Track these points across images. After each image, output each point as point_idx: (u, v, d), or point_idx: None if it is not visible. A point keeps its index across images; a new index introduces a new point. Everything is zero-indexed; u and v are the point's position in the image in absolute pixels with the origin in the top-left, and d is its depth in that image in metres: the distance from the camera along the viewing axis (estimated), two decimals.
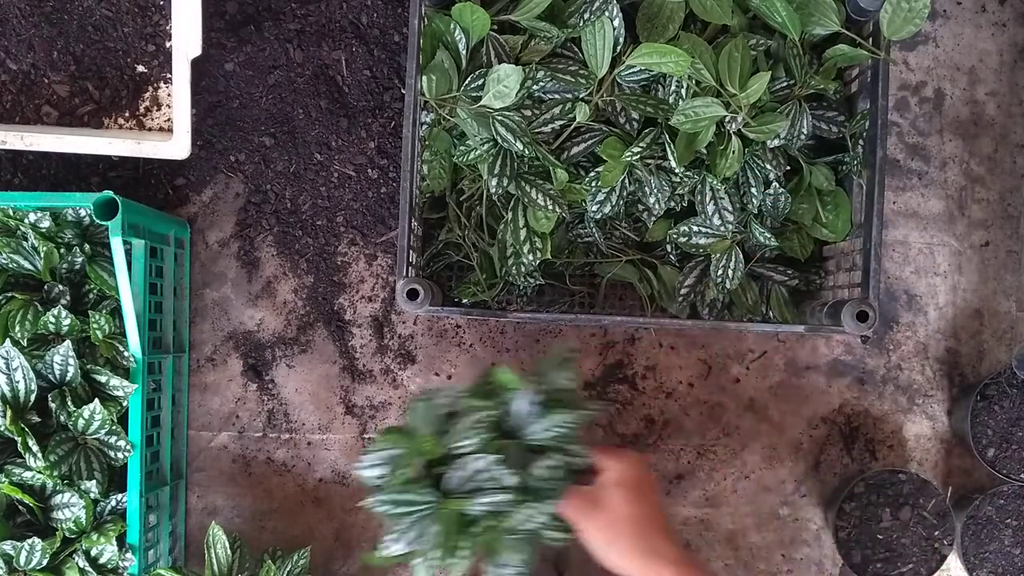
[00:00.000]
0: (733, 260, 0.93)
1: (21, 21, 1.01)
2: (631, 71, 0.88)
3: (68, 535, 0.91)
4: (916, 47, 1.05)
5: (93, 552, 0.91)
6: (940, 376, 1.04)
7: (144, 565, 0.93)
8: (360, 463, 0.76)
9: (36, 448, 0.87)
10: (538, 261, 0.92)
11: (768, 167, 0.90)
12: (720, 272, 0.93)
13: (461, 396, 0.78)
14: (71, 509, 0.90)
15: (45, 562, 0.88)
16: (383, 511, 0.74)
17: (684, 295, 0.95)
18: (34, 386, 0.88)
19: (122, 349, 0.92)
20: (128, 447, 0.91)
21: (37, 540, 0.88)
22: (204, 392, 1.04)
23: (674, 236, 0.94)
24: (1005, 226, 1.05)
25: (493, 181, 0.89)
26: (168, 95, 1.02)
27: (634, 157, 0.88)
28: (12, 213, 0.92)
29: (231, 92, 1.04)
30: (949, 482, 1.04)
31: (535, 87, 0.87)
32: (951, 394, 1.04)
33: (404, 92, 1.01)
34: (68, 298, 0.94)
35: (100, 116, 1.02)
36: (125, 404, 0.91)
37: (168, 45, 1.02)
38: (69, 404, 0.89)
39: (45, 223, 0.92)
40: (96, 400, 0.88)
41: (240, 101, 1.04)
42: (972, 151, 1.05)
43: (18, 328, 0.91)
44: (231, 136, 1.04)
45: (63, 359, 0.89)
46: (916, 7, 0.85)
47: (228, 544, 0.92)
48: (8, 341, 0.89)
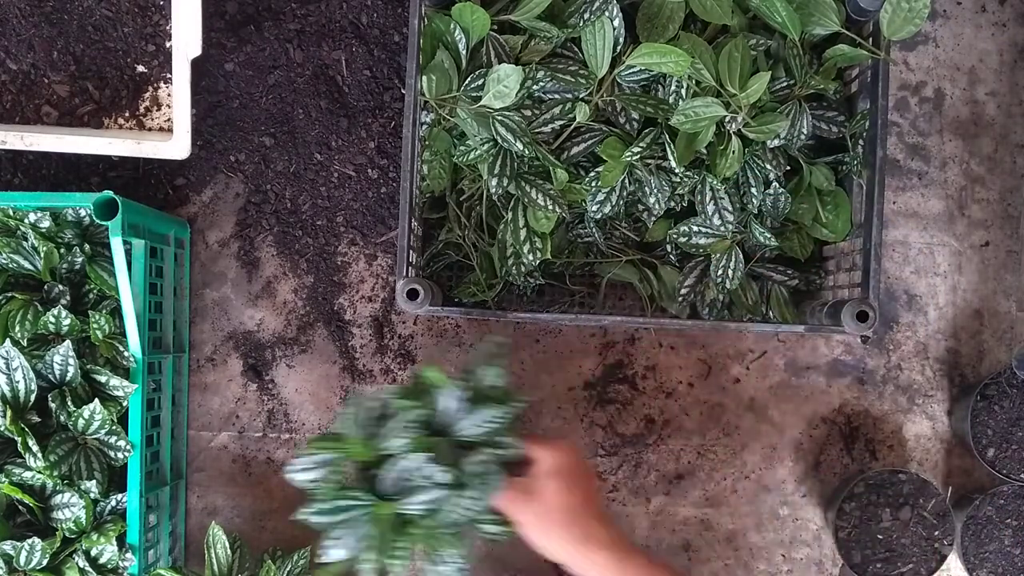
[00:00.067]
0: (733, 260, 0.93)
1: (21, 21, 1.01)
2: (631, 71, 0.88)
3: (68, 535, 0.91)
4: (916, 47, 1.05)
5: (93, 552, 0.91)
6: (940, 376, 1.04)
7: (144, 565, 0.93)
8: (291, 466, 0.76)
9: (36, 448, 0.87)
10: (538, 261, 0.92)
11: (768, 167, 0.90)
12: (720, 272, 0.93)
13: (391, 397, 0.78)
14: (71, 509, 0.90)
15: (45, 562, 0.88)
16: (317, 520, 0.74)
17: (684, 295, 0.95)
18: (34, 386, 0.88)
19: (122, 349, 0.92)
20: (128, 447, 0.91)
21: (37, 540, 0.87)
22: (204, 392, 1.04)
23: (674, 236, 0.94)
24: (1005, 226, 1.05)
25: (493, 181, 0.89)
26: (168, 95, 1.02)
27: (634, 157, 0.88)
28: (12, 213, 0.92)
29: (231, 92, 1.04)
30: (949, 482, 1.04)
31: (535, 87, 0.87)
32: (951, 394, 1.04)
33: (404, 92, 1.01)
34: (68, 298, 0.94)
35: (100, 116, 1.02)
36: (125, 404, 0.91)
37: (168, 45, 1.02)
38: (69, 404, 0.89)
39: (45, 223, 0.92)
40: (96, 400, 0.88)
41: (240, 101, 1.04)
42: (972, 151, 1.05)
43: (18, 328, 0.91)
44: (231, 136, 1.04)
45: (63, 359, 0.89)
46: (916, 7, 0.85)
47: (228, 544, 0.92)
48: (8, 341, 0.89)
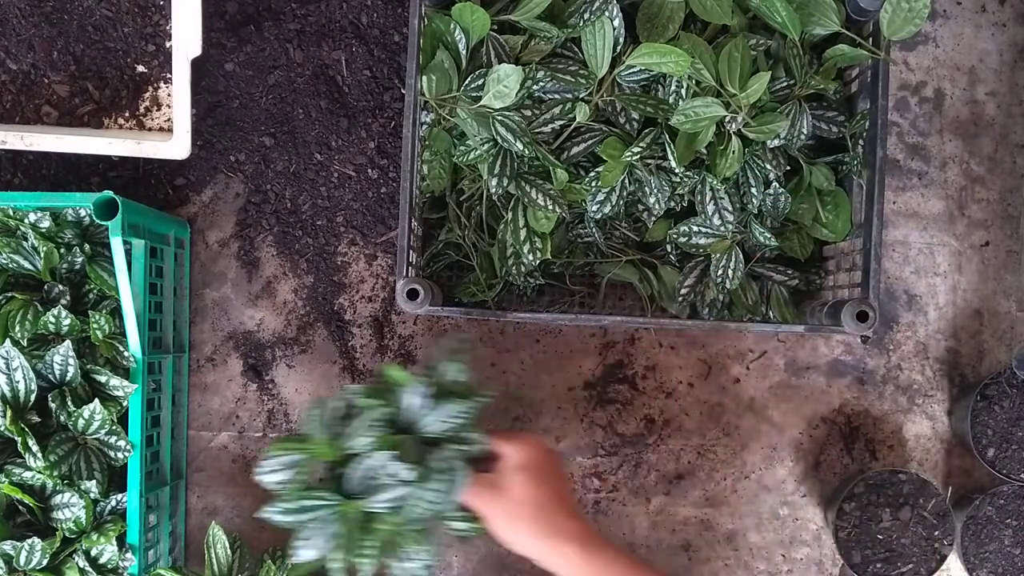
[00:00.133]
0: (733, 260, 0.93)
1: (21, 21, 1.01)
2: (631, 71, 0.88)
3: (68, 535, 0.91)
4: (916, 47, 1.05)
5: (93, 552, 0.91)
6: (940, 376, 1.04)
7: (144, 565, 0.93)
8: (260, 468, 0.76)
9: (36, 448, 0.87)
10: (538, 261, 0.92)
11: (768, 167, 0.90)
12: (720, 272, 0.93)
13: (355, 397, 0.78)
14: (71, 509, 0.90)
15: (45, 562, 0.88)
16: (284, 520, 0.74)
17: (684, 295, 0.95)
18: (34, 386, 0.88)
19: (122, 349, 0.92)
20: (128, 447, 0.91)
21: (37, 540, 0.87)
22: (204, 392, 1.04)
23: (674, 236, 0.94)
24: (1005, 226, 1.05)
25: (493, 181, 0.89)
26: (168, 95, 1.02)
27: (634, 157, 0.88)
28: (12, 213, 0.92)
29: (231, 92, 1.04)
30: (949, 482, 1.04)
31: (535, 87, 0.87)
32: (951, 394, 1.04)
33: (404, 92, 1.01)
34: (68, 298, 0.94)
35: (100, 116, 1.02)
36: (125, 404, 0.91)
37: (168, 45, 1.02)
38: (69, 404, 0.89)
39: (45, 223, 0.92)
40: (96, 400, 0.88)
41: (240, 101, 1.04)
42: (972, 151, 1.05)
43: (18, 328, 0.91)
44: (231, 136, 1.04)
45: (63, 359, 0.89)
46: (916, 7, 0.85)
47: (228, 544, 0.92)
48: (8, 341, 0.89)
